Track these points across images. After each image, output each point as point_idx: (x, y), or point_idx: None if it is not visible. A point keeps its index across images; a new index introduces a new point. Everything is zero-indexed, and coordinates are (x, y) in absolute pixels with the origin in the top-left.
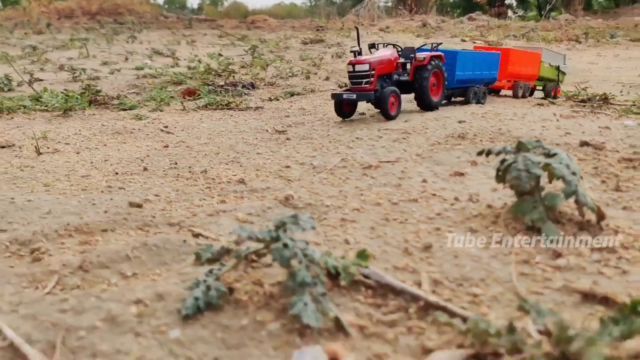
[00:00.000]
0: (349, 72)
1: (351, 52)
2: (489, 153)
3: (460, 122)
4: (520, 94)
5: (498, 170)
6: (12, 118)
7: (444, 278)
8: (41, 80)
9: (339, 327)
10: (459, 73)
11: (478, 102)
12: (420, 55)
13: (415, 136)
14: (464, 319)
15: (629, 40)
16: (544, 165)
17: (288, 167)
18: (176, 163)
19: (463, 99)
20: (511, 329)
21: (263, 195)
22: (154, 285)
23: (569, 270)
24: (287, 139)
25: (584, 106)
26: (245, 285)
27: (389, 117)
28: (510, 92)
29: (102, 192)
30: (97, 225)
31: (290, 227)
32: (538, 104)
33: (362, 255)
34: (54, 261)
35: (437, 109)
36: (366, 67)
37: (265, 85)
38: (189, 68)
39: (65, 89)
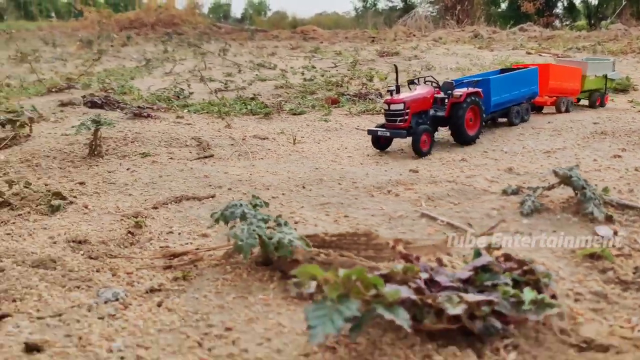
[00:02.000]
0: (384, 110)
1: (388, 91)
2: None
3: (595, 123)
4: (563, 109)
5: None
6: (233, 119)
7: None
8: (222, 90)
9: (609, 220)
10: (494, 98)
11: (522, 120)
12: (457, 92)
13: (566, 133)
14: None
15: None
16: None
17: (486, 152)
18: (402, 149)
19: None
20: None
21: (487, 168)
22: (490, 203)
23: None
24: None
25: None
26: (547, 202)
27: (420, 154)
28: (553, 109)
29: (376, 165)
30: (407, 181)
31: (570, 172)
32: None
33: (605, 189)
34: (408, 195)
35: (474, 142)
36: (401, 106)
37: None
38: (305, 79)
39: (239, 96)
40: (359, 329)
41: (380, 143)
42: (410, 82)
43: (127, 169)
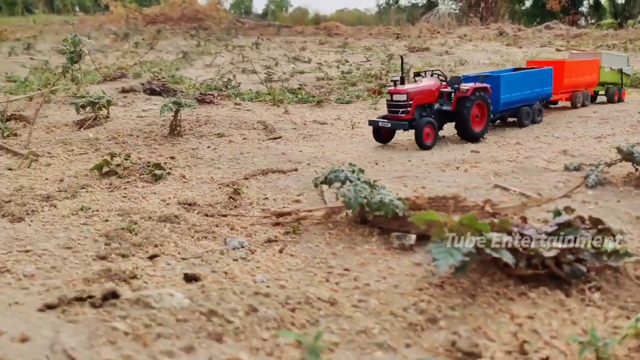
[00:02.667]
0: (387, 100)
1: (391, 81)
2: None
3: None
4: (580, 103)
5: None
6: (287, 107)
7: None
8: (274, 81)
9: None
10: (504, 96)
11: (533, 122)
12: (464, 86)
13: (613, 121)
14: None
15: None
16: None
17: (538, 137)
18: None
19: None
20: None
21: (542, 151)
22: (555, 178)
23: None
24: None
25: None
26: (609, 176)
27: (423, 147)
28: (568, 103)
29: (437, 146)
30: (471, 160)
31: (632, 149)
32: None
33: None
34: (476, 171)
35: (480, 140)
36: (404, 97)
37: None
38: (342, 72)
39: (284, 87)
40: (464, 270)
41: (382, 135)
42: (416, 75)
43: (208, 147)
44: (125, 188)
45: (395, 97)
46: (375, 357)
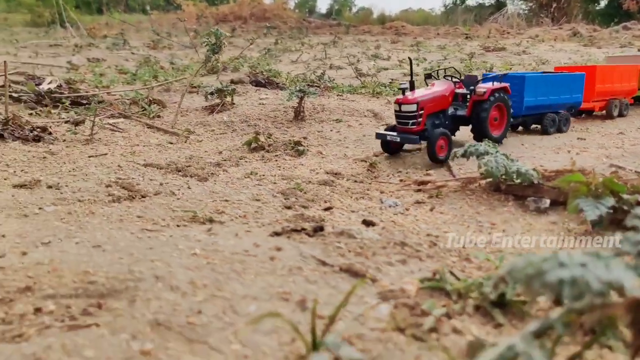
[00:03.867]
0: (395, 110)
1: (399, 89)
2: None
3: None
4: (616, 113)
5: None
6: (386, 99)
7: None
8: (364, 75)
9: None
10: (528, 99)
11: (559, 130)
12: (481, 88)
13: None
14: None
15: None
16: None
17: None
18: None
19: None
20: None
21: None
22: None
23: None
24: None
25: None
26: None
27: (436, 161)
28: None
29: (543, 134)
30: (579, 145)
31: None
32: None
33: None
34: (587, 155)
35: (499, 144)
36: (413, 107)
37: None
38: (425, 69)
39: (375, 82)
40: (602, 224)
41: (391, 146)
42: (428, 77)
43: (331, 130)
44: (276, 160)
45: (404, 108)
46: None
